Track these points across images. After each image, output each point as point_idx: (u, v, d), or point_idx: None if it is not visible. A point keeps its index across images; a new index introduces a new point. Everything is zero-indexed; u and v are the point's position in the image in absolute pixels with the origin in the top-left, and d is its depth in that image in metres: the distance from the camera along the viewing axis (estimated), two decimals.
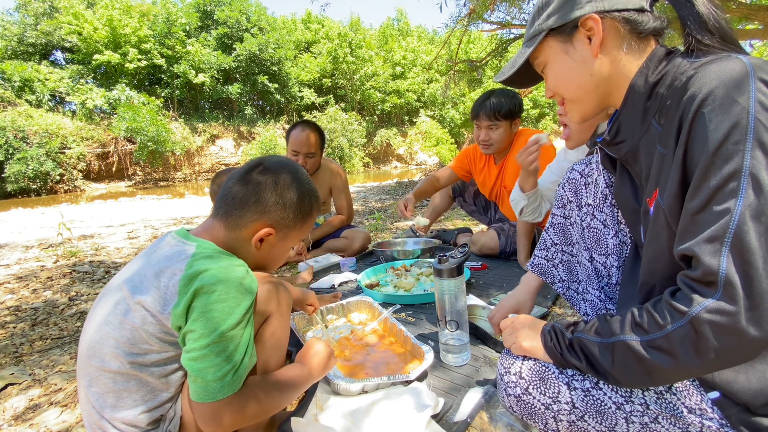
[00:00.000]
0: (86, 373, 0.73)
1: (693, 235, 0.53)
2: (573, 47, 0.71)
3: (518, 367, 0.78)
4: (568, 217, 1.03)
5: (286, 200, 0.85)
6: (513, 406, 0.80)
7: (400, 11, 36.46)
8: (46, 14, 19.37)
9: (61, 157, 15.71)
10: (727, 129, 0.50)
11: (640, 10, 0.66)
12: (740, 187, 0.49)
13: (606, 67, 0.69)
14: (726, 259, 0.49)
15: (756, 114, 0.49)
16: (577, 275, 1.02)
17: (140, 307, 0.71)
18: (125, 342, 0.71)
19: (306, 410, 0.95)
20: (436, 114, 29.94)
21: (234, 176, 0.86)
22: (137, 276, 0.76)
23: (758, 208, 0.48)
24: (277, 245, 0.88)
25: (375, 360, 1.19)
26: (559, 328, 0.73)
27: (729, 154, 0.50)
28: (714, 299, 0.50)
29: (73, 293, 2.24)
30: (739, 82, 0.51)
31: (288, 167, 0.88)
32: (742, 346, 0.49)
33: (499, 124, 2.10)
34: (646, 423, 0.67)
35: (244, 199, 0.82)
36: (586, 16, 0.67)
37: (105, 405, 0.72)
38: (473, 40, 19.72)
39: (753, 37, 4.07)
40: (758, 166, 0.48)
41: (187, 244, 0.79)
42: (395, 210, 4.98)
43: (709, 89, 0.53)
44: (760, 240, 0.48)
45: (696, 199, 0.53)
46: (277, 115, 25.79)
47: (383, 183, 10.61)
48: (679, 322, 0.53)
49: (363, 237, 2.54)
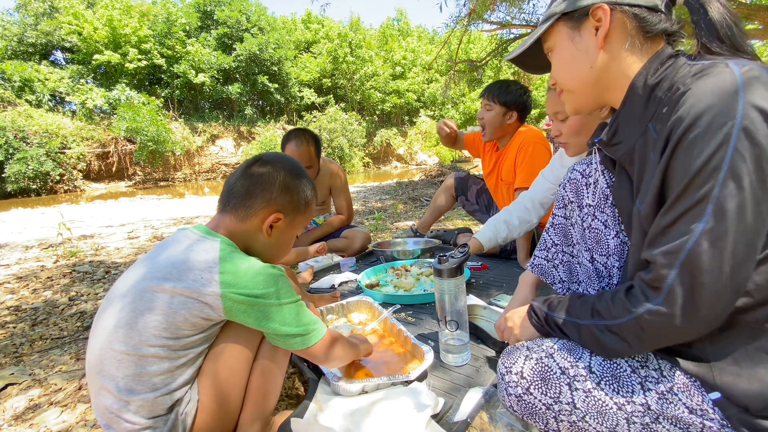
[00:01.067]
0: (106, 359, 0.74)
1: (656, 246, 0.59)
2: (579, 35, 0.71)
3: (519, 366, 0.78)
4: (569, 217, 1.02)
5: (289, 186, 0.90)
6: (513, 405, 0.80)
7: (400, 11, 36.47)
8: (46, 14, 19.37)
9: (61, 157, 15.70)
10: (706, 157, 0.53)
11: (652, 9, 0.66)
12: (705, 213, 0.53)
13: (607, 62, 0.69)
14: (675, 272, 0.56)
15: (736, 144, 0.51)
16: (577, 276, 1.02)
17: (171, 294, 0.75)
18: (158, 326, 0.74)
19: (306, 410, 0.95)
20: (436, 114, 29.93)
21: (235, 173, 0.91)
22: (166, 266, 0.78)
23: (717, 234, 0.53)
24: (285, 231, 0.94)
25: (375, 360, 1.19)
26: (537, 307, 0.84)
27: (704, 180, 0.53)
28: (654, 304, 0.58)
29: (73, 293, 2.24)
30: (726, 108, 0.52)
31: (285, 158, 0.95)
32: (677, 337, 0.60)
33: (492, 105, 2.18)
34: (647, 423, 0.67)
35: (250, 189, 0.87)
36: (597, 5, 0.67)
37: (122, 388, 0.72)
38: (473, 40, 19.71)
39: (753, 37, 4.06)
40: (727, 196, 0.52)
41: (210, 238, 0.83)
42: (395, 210, 4.98)
43: (696, 113, 0.54)
44: (712, 262, 0.53)
45: (667, 216, 0.58)
46: (277, 115, 25.79)
47: (383, 183, 10.61)
48: (627, 317, 0.62)
49: (363, 237, 2.54)
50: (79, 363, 1.43)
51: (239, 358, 0.82)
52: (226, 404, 0.81)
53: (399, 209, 5.04)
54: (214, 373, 0.80)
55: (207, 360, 0.81)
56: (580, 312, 0.72)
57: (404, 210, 5.00)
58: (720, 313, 0.56)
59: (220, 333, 0.84)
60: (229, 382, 0.81)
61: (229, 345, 0.82)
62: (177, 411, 0.76)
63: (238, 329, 0.83)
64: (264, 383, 0.85)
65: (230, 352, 0.82)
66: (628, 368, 0.71)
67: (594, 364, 0.73)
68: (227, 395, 0.81)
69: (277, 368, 0.88)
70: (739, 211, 0.52)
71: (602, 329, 0.67)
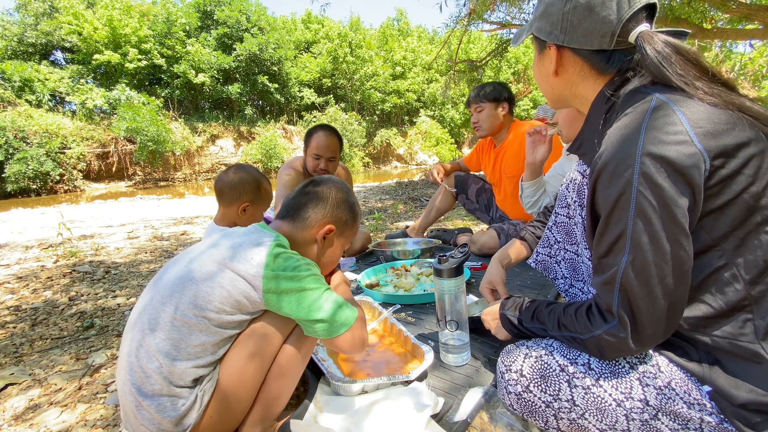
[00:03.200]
0: (153, 318, 0.78)
1: (599, 275, 0.67)
2: (542, 58, 0.80)
3: (519, 364, 0.79)
4: (572, 217, 1.03)
5: (341, 202, 1.01)
6: (513, 404, 0.80)
7: (400, 11, 36.46)
8: (46, 14, 19.36)
9: (61, 157, 15.70)
10: (615, 197, 0.61)
11: (599, 51, 0.72)
12: (626, 246, 0.61)
13: (563, 86, 0.80)
14: (617, 298, 0.63)
15: (638, 187, 0.59)
16: (582, 274, 1.03)
17: (231, 272, 0.81)
18: (204, 297, 0.79)
19: (306, 411, 0.95)
20: (436, 114, 29.94)
21: (294, 192, 1.04)
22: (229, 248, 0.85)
23: (639, 264, 0.60)
24: (335, 243, 1.03)
25: (375, 360, 1.19)
26: (509, 315, 0.91)
27: (618, 218, 0.62)
28: (611, 325, 0.65)
29: (73, 293, 2.24)
30: (626, 156, 0.60)
31: (333, 180, 1.06)
32: (632, 352, 0.66)
33: (483, 105, 2.29)
34: (646, 420, 0.67)
35: (308, 203, 0.99)
36: (549, 43, 0.76)
37: (162, 350, 0.76)
38: (473, 40, 19.74)
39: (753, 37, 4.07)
40: (638, 231, 0.60)
41: (266, 232, 0.91)
42: (395, 210, 4.98)
43: (606, 159, 0.63)
44: (642, 290, 0.61)
45: (600, 246, 0.66)
46: (277, 115, 25.78)
47: (383, 183, 10.61)
48: (588, 334, 0.69)
49: (363, 237, 2.54)
50: (79, 363, 1.43)
51: (261, 352, 0.84)
52: (238, 393, 0.82)
53: (399, 209, 5.04)
54: (237, 359, 0.83)
55: (233, 347, 0.84)
56: (548, 323, 0.79)
57: (404, 210, 5.00)
58: (665, 329, 0.63)
59: (249, 325, 0.86)
60: (245, 373, 0.83)
61: (255, 337, 0.84)
62: (199, 387, 0.79)
63: (266, 325, 0.85)
64: (277, 386, 0.86)
65: (255, 343, 0.84)
66: (627, 364, 0.71)
67: (593, 361, 0.73)
68: (242, 384, 0.83)
69: (292, 375, 0.88)
70: (653, 243, 0.59)
71: (569, 339, 0.74)
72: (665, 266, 0.59)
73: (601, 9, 0.68)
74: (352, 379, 1.04)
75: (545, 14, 0.75)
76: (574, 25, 0.71)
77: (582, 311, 0.71)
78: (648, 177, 0.58)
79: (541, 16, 0.76)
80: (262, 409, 0.85)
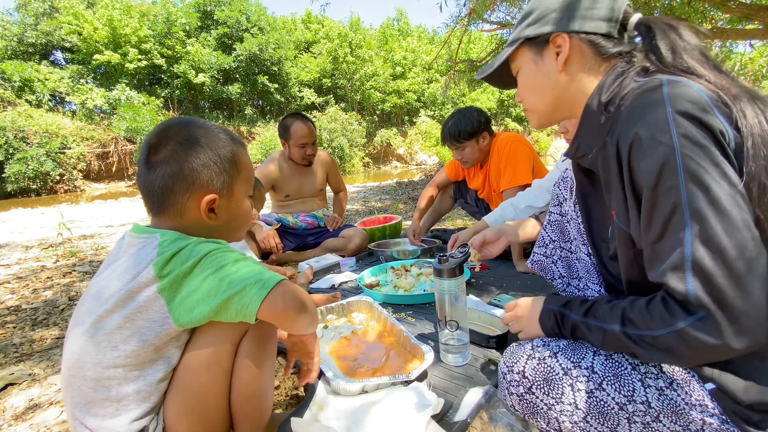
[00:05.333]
0: (69, 384, 0.71)
1: (659, 263, 0.58)
2: (542, 59, 0.78)
3: (521, 366, 0.78)
4: (564, 214, 1.04)
5: (200, 159, 0.75)
6: (515, 405, 0.80)
7: (400, 11, 36.45)
8: (46, 14, 19.36)
9: (61, 157, 15.69)
10: (658, 169, 0.56)
11: (606, 36, 0.73)
12: (684, 219, 0.54)
13: (567, 83, 0.77)
14: (692, 283, 0.54)
15: (682, 149, 0.54)
16: (577, 271, 1.03)
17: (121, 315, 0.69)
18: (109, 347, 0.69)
19: (306, 410, 0.95)
20: (436, 114, 29.91)
21: (139, 170, 0.78)
22: (108, 288, 0.71)
23: (704, 235, 0.53)
24: (230, 206, 0.81)
25: (375, 359, 1.19)
26: (552, 312, 0.80)
27: (667, 189, 0.56)
28: (697, 317, 0.54)
29: (73, 293, 2.24)
30: (659, 120, 0.56)
31: (177, 128, 0.77)
32: (728, 352, 0.54)
33: (463, 144, 2.22)
34: (648, 422, 0.67)
35: (163, 185, 0.74)
36: (557, 33, 0.74)
37: (88, 414, 0.69)
38: (473, 40, 19.71)
39: (753, 37, 4.06)
40: (694, 198, 0.53)
41: (150, 236, 0.74)
42: (395, 210, 4.98)
43: (635, 130, 0.59)
44: (715, 261, 0.52)
45: (651, 230, 0.59)
46: (277, 115, 25.76)
47: (383, 183, 10.60)
48: (667, 329, 0.57)
49: (362, 236, 2.54)
50: None
51: (206, 375, 0.74)
52: (199, 425, 0.75)
53: (399, 209, 5.04)
54: (182, 395, 0.73)
55: (171, 382, 0.74)
56: (609, 318, 0.67)
57: (404, 210, 5.00)
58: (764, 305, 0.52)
59: (183, 352, 0.75)
60: (201, 404, 0.74)
61: (191, 363, 0.73)
62: None
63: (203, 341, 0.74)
64: (249, 407, 0.79)
65: (196, 367, 0.73)
66: (629, 366, 0.71)
67: (596, 364, 0.73)
68: (198, 417, 0.74)
69: (261, 392, 0.81)
70: (714, 209, 0.53)
71: (635, 339, 0.62)
72: (737, 233, 0.52)
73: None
74: (352, 378, 1.04)
75: (541, 17, 0.77)
76: (585, 12, 0.72)
77: (656, 302, 0.60)
78: (689, 138, 0.54)
79: (536, 21, 0.77)
80: (248, 426, 0.80)
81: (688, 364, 0.62)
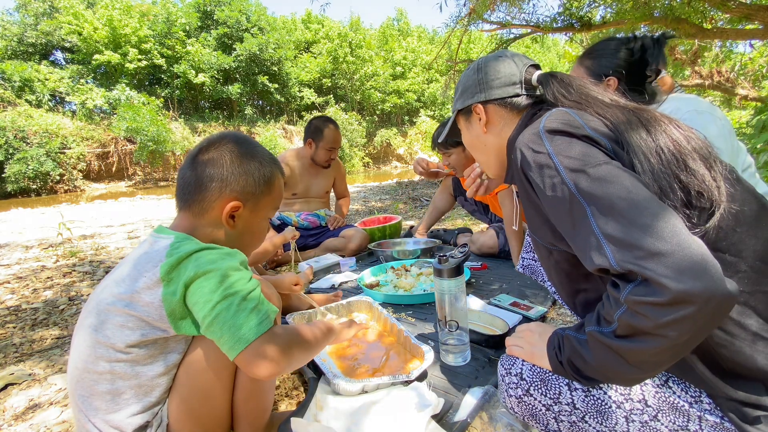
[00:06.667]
0: (74, 377, 0.72)
1: (585, 253, 0.59)
2: (471, 125, 0.96)
3: (519, 368, 0.79)
4: None
5: (242, 167, 0.80)
6: (514, 406, 0.80)
7: (400, 11, 36.46)
8: (46, 14, 19.38)
9: (61, 157, 15.71)
10: (540, 173, 0.66)
11: (515, 95, 0.88)
12: (582, 203, 0.59)
13: (493, 139, 0.92)
14: (611, 253, 0.54)
15: (556, 155, 0.64)
16: None
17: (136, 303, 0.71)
18: (110, 341, 0.70)
19: (306, 410, 0.95)
20: (436, 114, 29.93)
21: (183, 166, 0.82)
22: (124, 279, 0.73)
23: (601, 207, 0.57)
24: (250, 219, 0.84)
25: (375, 358, 1.19)
26: (562, 338, 0.71)
27: (553, 185, 0.63)
28: (634, 284, 0.53)
29: (73, 293, 2.24)
30: (535, 136, 0.69)
31: (231, 137, 0.83)
32: (686, 309, 0.48)
33: (450, 151, 2.25)
34: (646, 421, 0.67)
35: (199, 180, 0.78)
36: (474, 105, 0.91)
37: (90, 408, 0.70)
38: (473, 40, 19.71)
39: (753, 37, 4.06)
40: (577, 180, 0.60)
41: (165, 237, 0.77)
42: (395, 210, 4.98)
43: (520, 152, 0.71)
44: (617, 222, 0.55)
45: (563, 226, 0.64)
46: (277, 115, 25.79)
47: (383, 183, 10.60)
48: (620, 309, 0.56)
49: (361, 236, 2.54)
50: None
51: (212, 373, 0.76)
52: (202, 423, 0.76)
53: (399, 209, 5.04)
54: (184, 393, 0.74)
55: (175, 378, 0.76)
56: (588, 320, 0.65)
57: (404, 210, 5.00)
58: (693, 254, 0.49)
59: (188, 348, 0.77)
60: (202, 403, 0.76)
61: (197, 360, 0.75)
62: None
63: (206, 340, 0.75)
64: (246, 408, 0.81)
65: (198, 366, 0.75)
66: None
67: None
68: (201, 415, 0.76)
69: (260, 393, 0.83)
70: (601, 183, 0.58)
71: (610, 334, 0.58)
72: (629, 193, 0.56)
73: (504, 68, 0.89)
74: (352, 378, 1.04)
75: (464, 92, 0.94)
76: (490, 84, 0.89)
77: (608, 288, 0.59)
78: (558, 144, 0.65)
79: (461, 96, 0.95)
80: (248, 426, 0.82)
81: (672, 345, 0.52)
